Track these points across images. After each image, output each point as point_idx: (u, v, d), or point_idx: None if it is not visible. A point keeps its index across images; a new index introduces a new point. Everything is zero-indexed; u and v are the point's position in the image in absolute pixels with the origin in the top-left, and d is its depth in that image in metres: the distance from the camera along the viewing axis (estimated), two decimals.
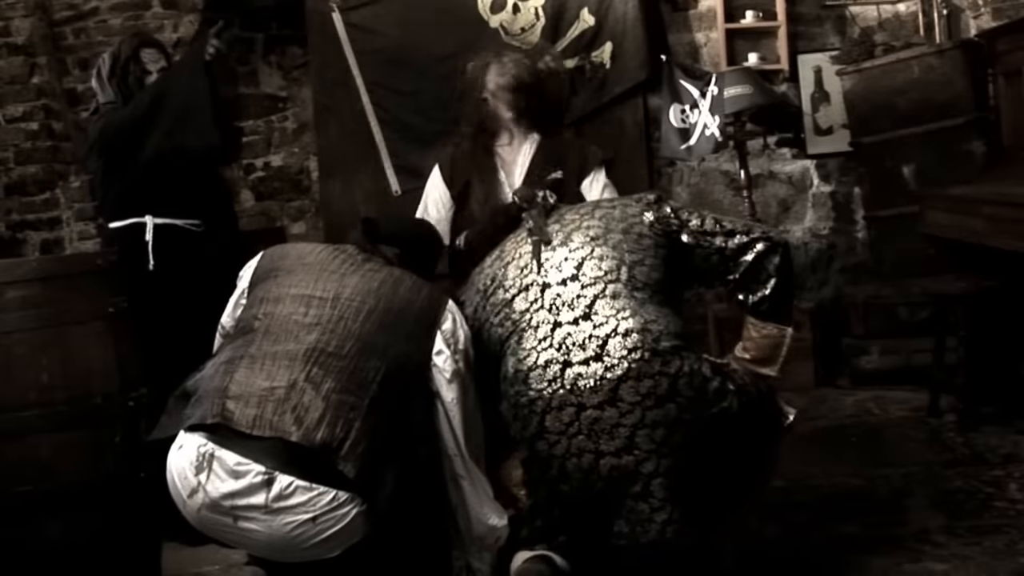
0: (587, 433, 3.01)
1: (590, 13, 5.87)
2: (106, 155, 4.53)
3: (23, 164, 6.28)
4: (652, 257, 3.22)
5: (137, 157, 4.50)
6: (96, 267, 4.30)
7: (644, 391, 2.97)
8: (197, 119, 4.54)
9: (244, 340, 3.15)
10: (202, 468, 2.89)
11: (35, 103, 6.24)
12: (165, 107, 4.53)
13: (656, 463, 2.98)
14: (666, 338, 3.04)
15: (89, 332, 4.16)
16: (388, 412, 3.02)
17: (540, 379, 3.07)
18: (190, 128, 4.54)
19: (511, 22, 5.94)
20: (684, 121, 5.68)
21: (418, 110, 5.97)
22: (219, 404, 2.93)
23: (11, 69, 6.21)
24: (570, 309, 3.13)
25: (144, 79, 4.64)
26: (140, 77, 4.63)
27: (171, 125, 4.52)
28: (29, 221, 6.31)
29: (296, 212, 6.80)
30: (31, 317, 4.10)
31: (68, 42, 6.31)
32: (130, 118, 4.53)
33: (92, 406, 4.11)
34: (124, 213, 4.53)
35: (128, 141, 4.48)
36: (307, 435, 2.86)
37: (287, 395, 2.93)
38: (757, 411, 3.21)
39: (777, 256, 3.25)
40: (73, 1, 6.25)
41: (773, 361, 3.32)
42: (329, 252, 3.38)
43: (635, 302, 3.10)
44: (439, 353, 3.18)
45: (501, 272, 3.36)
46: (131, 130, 4.50)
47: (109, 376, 4.13)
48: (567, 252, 3.24)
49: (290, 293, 3.22)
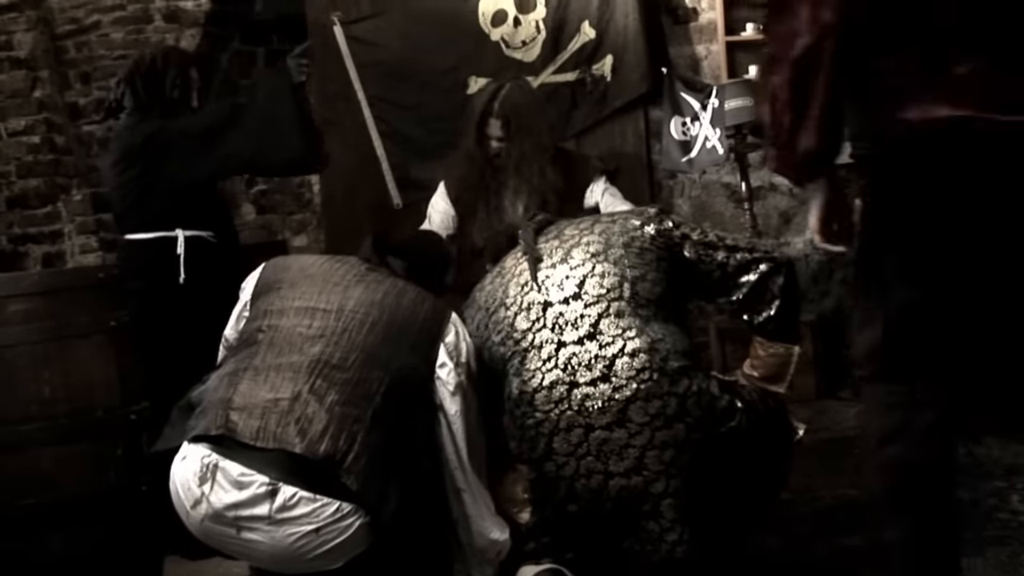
0: (596, 454, 3.00)
1: (591, 26, 5.89)
2: (143, 165, 4.48)
3: (25, 177, 6.28)
4: (655, 271, 3.21)
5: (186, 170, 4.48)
6: (98, 281, 4.30)
7: (653, 411, 2.97)
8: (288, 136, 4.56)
9: (248, 352, 3.15)
10: (206, 479, 2.89)
11: (37, 117, 6.24)
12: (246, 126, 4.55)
13: (665, 483, 2.98)
14: (674, 357, 3.03)
15: (91, 345, 4.16)
16: (391, 424, 3.02)
17: (546, 400, 3.06)
18: (282, 144, 4.57)
19: (512, 35, 5.96)
20: (685, 134, 5.70)
21: (419, 123, 6.00)
22: (223, 415, 2.93)
23: (13, 83, 6.22)
24: (574, 328, 3.12)
25: (189, 96, 4.63)
26: (186, 94, 4.62)
27: (255, 143, 4.54)
28: (31, 234, 6.31)
29: (298, 225, 6.81)
30: (33, 330, 4.10)
31: (70, 56, 6.32)
32: (197, 132, 4.51)
33: (94, 419, 4.11)
34: (152, 226, 4.49)
35: (180, 154, 4.45)
36: (311, 447, 2.86)
37: (291, 407, 2.93)
38: (766, 428, 3.20)
39: (781, 276, 3.23)
40: (75, 15, 6.26)
41: (781, 379, 3.31)
42: (332, 263, 3.38)
43: (640, 320, 3.09)
44: (442, 366, 3.18)
45: (502, 290, 3.35)
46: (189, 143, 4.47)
47: (111, 389, 4.13)
48: (568, 270, 3.23)
49: (294, 305, 3.22)
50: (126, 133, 4.56)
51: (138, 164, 4.47)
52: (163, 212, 4.45)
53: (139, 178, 4.47)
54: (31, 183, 6.28)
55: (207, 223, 4.54)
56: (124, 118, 4.61)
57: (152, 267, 4.42)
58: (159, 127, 4.47)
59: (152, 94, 4.54)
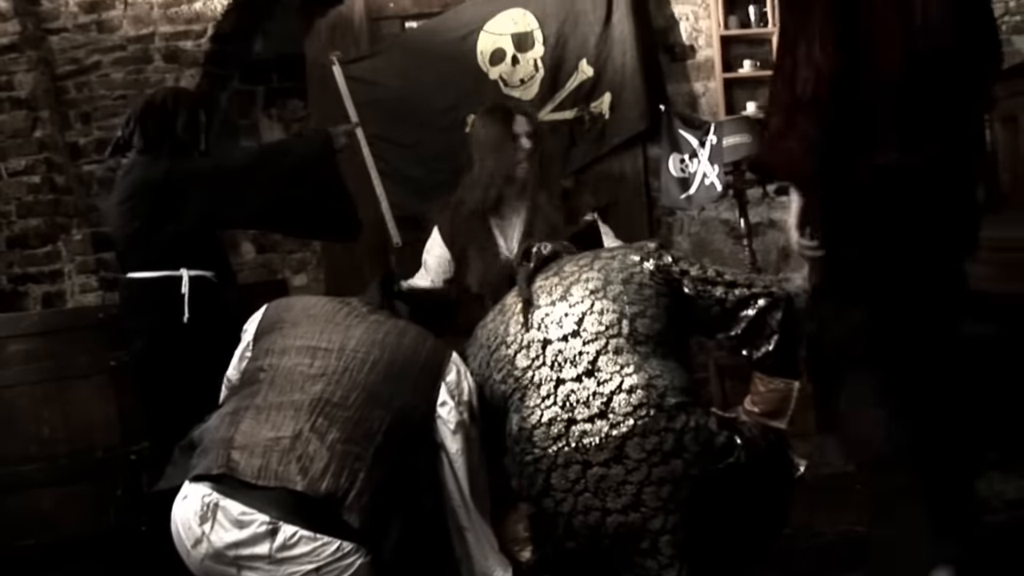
0: (593, 491, 2.99)
1: (589, 64, 5.92)
2: (156, 203, 4.48)
3: (25, 217, 6.28)
4: (654, 307, 3.20)
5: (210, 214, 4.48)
6: (98, 321, 4.32)
7: (650, 448, 2.96)
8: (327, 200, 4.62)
9: (249, 391, 3.16)
10: (206, 518, 2.89)
11: (37, 156, 6.24)
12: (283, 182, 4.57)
13: (663, 520, 2.97)
14: (672, 393, 3.02)
15: (91, 386, 4.18)
16: (393, 462, 3.03)
17: (544, 437, 3.05)
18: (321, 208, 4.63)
19: (510, 74, 5.99)
20: (683, 170, 5.71)
21: (419, 162, 6.02)
22: (224, 454, 2.93)
23: (14, 123, 6.23)
24: (572, 366, 3.11)
25: (198, 138, 4.65)
26: (195, 136, 4.64)
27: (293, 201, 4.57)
28: (31, 274, 6.31)
29: (298, 264, 6.81)
30: (33, 371, 4.12)
31: (70, 96, 6.33)
32: (228, 177, 4.53)
33: (94, 459, 4.13)
34: (156, 265, 4.48)
35: (206, 197, 4.45)
36: (312, 485, 2.86)
37: (292, 445, 2.93)
38: (767, 464, 3.19)
39: (780, 311, 3.22)
40: (75, 55, 6.28)
41: (782, 414, 3.30)
42: (334, 304, 3.40)
43: (638, 357, 3.09)
44: (443, 404, 3.19)
45: (503, 328, 3.35)
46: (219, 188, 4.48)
47: (111, 429, 4.15)
48: (567, 307, 3.22)
49: (295, 344, 3.23)
50: (135, 171, 4.55)
51: (149, 202, 4.46)
52: (168, 251, 4.44)
53: (148, 217, 4.46)
54: (31, 223, 6.28)
55: (209, 263, 4.54)
56: (132, 156, 4.61)
57: (156, 306, 4.41)
58: (177, 166, 4.46)
59: (162, 134, 4.54)
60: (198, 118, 4.65)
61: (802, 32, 3.21)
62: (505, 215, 4.52)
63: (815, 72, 3.16)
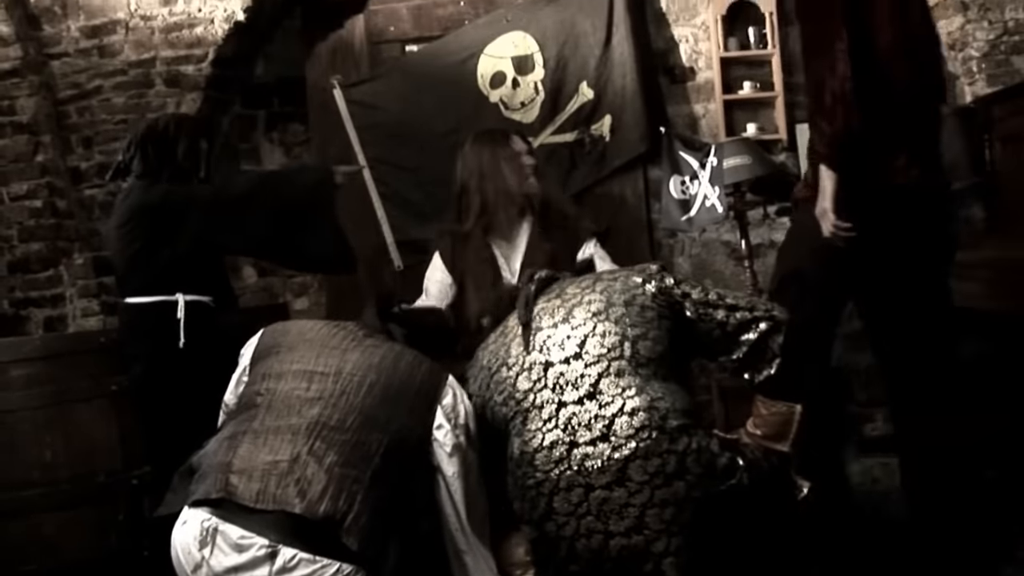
0: (596, 514, 2.98)
1: (589, 86, 5.93)
2: (153, 228, 4.49)
3: (27, 241, 6.29)
4: (655, 330, 3.20)
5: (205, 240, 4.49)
6: (100, 345, 4.32)
7: (652, 470, 2.95)
8: (325, 234, 4.63)
9: (247, 416, 3.16)
10: (206, 543, 2.89)
11: (39, 181, 6.26)
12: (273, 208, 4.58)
13: (667, 542, 2.95)
14: (674, 416, 3.02)
15: (93, 410, 4.18)
16: (391, 485, 3.03)
17: (546, 460, 3.05)
18: (318, 240, 4.63)
19: (511, 97, 6.01)
20: (684, 192, 5.71)
21: (419, 185, 6.02)
22: (223, 479, 2.93)
23: (16, 147, 6.25)
24: (574, 388, 3.11)
25: (199, 165, 4.67)
26: (195, 162, 4.65)
27: (289, 232, 4.58)
28: (33, 298, 6.31)
29: (299, 288, 6.81)
30: (35, 395, 4.12)
31: (72, 120, 6.36)
32: (226, 204, 4.55)
33: (95, 484, 4.12)
34: (153, 289, 4.48)
35: (192, 221, 4.46)
36: (310, 508, 2.86)
37: (290, 468, 2.93)
38: (769, 486, 3.18)
39: (781, 335, 3.23)
40: (77, 80, 6.31)
41: (784, 437, 3.29)
42: (330, 328, 3.40)
43: (640, 379, 3.09)
44: (439, 427, 3.19)
45: (504, 350, 3.34)
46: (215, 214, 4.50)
47: (112, 453, 4.15)
48: (569, 329, 3.22)
49: (292, 369, 3.23)
50: (134, 195, 4.56)
51: (147, 227, 4.47)
52: (165, 276, 4.45)
53: (145, 241, 4.47)
54: (33, 247, 6.30)
55: (207, 287, 4.55)
56: (131, 181, 4.63)
57: (153, 331, 4.41)
58: (175, 191, 4.48)
59: (162, 160, 4.56)
60: (199, 145, 4.67)
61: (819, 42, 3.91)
62: (507, 239, 4.52)
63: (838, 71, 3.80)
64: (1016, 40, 5.64)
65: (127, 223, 4.51)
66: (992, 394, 4.88)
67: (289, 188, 4.70)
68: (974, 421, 4.25)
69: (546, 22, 6.01)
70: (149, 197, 4.48)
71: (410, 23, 6.33)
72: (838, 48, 3.80)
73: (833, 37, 3.82)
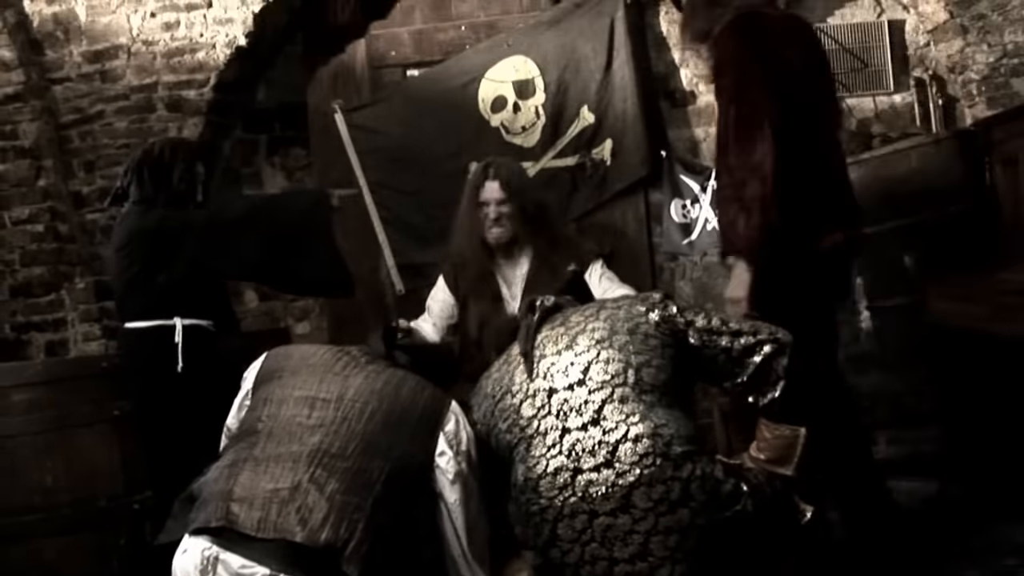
0: (600, 540, 2.98)
1: (590, 111, 5.94)
2: (149, 252, 4.50)
3: (28, 266, 6.29)
4: (659, 358, 3.20)
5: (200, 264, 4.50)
6: (101, 370, 4.31)
7: (657, 497, 2.95)
8: (321, 256, 4.63)
9: (248, 442, 3.16)
10: (207, 571, 2.89)
11: (41, 205, 6.26)
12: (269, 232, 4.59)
13: (671, 569, 2.94)
14: (678, 442, 3.02)
15: (94, 435, 4.18)
16: (392, 513, 3.02)
17: (550, 487, 3.05)
18: (314, 263, 4.63)
19: (512, 121, 6.02)
20: (685, 216, 5.74)
21: (420, 209, 6.03)
22: (223, 507, 2.93)
23: (18, 172, 6.25)
24: (578, 415, 3.11)
25: (195, 190, 4.68)
26: (191, 187, 4.66)
27: (279, 250, 4.58)
28: (34, 322, 6.31)
29: (300, 312, 6.80)
30: (36, 420, 4.11)
31: (74, 145, 6.36)
32: (212, 227, 4.55)
33: (97, 509, 4.11)
34: (151, 314, 4.48)
35: (188, 245, 4.47)
36: (311, 536, 2.86)
37: (291, 496, 2.93)
38: (773, 511, 3.18)
39: (785, 357, 3.22)
40: (79, 105, 6.32)
41: (788, 461, 3.28)
42: (333, 353, 3.40)
43: (644, 406, 3.08)
44: (442, 454, 3.19)
45: (508, 377, 3.34)
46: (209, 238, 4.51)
47: (114, 478, 4.14)
48: (573, 356, 3.23)
49: (294, 395, 3.23)
50: (130, 220, 4.57)
51: (143, 251, 4.48)
52: (162, 300, 4.45)
53: (142, 265, 4.47)
54: (35, 271, 6.30)
55: (207, 311, 4.55)
56: (128, 206, 4.63)
57: (151, 356, 4.41)
58: (171, 216, 4.49)
59: (158, 185, 4.57)
60: (195, 169, 4.68)
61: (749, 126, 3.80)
62: (509, 263, 4.54)
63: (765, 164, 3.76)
64: (1015, 63, 5.65)
65: (124, 248, 4.52)
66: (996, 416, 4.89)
67: (284, 212, 4.71)
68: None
69: (547, 46, 6.02)
70: (145, 222, 4.49)
71: (411, 48, 6.34)
72: (765, 146, 3.75)
73: (761, 129, 3.77)
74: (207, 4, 6.17)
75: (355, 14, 6.34)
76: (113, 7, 6.26)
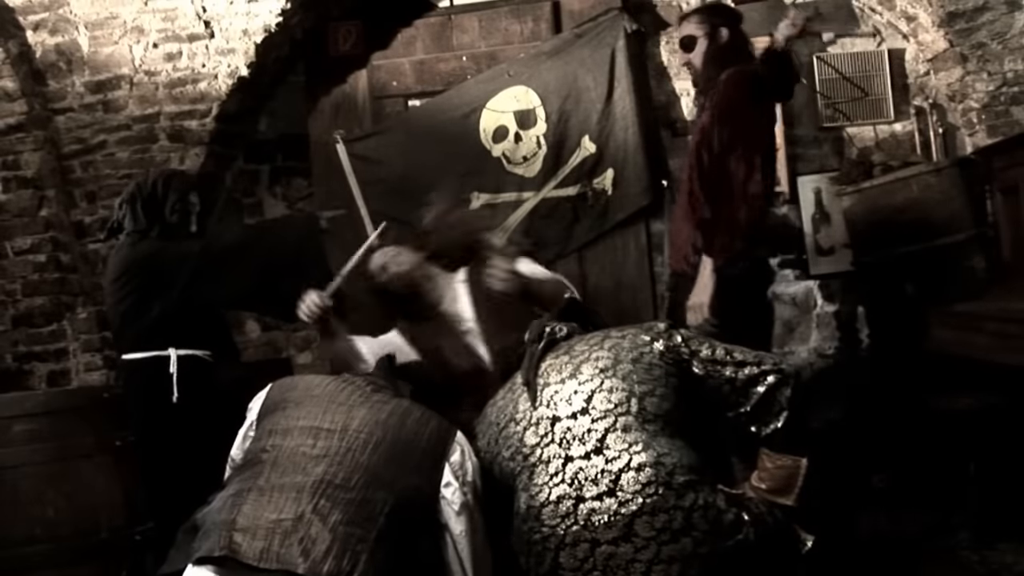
0: (602, 569, 2.96)
1: (591, 141, 5.97)
2: (141, 284, 4.50)
3: (30, 296, 6.30)
4: (663, 387, 3.20)
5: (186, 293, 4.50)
6: (103, 400, 4.31)
7: (659, 526, 2.94)
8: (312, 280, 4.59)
9: (252, 472, 3.15)
10: None
11: (43, 235, 6.28)
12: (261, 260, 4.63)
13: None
14: (680, 472, 3.01)
15: (96, 466, 4.17)
16: (395, 545, 3.00)
17: (553, 515, 3.04)
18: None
19: (513, 151, 6.04)
20: None
21: None
22: (226, 537, 2.92)
23: (20, 202, 6.27)
24: (581, 443, 3.10)
25: (189, 220, 4.69)
26: (185, 218, 4.68)
27: (272, 278, 4.59)
28: (36, 352, 6.32)
29: (302, 342, 6.81)
30: (38, 451, 4.10)
31: (76, 175, 6.38)
32: (204, 258, 4.57)
33: (99, 540, 4.10)
34: (145, 345, 4.49)
35: (181, 276, 4.48)
36: (314, 567, 2.84)
37: (294, 527, 2.91)
38: (774, 541, 3.17)
39: (788, 388, 3.22)
40: (81, 135, 6.34)
41: (789, 491, 3.27)
42: (337, 384, 3.39)
43: (647, 435, 3.08)
44: (447, 485, 3.17)
45: (512, 406, 3.34)
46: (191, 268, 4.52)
47: (116, 509, 4.12)
48: (576, 385, 3.22)
49: (298, 425, 3.22)
50: (124, 252, 4.59)
51: (137, 282, 4.50)
52: (157, 331, 4.47)
53: (137, 297, 4.49)
54: (36, 301, 6.31)
55: (204, 342, 4.56)
56: (123, 238, 4.65)
57: (148, 386, 4.42)
58: (162, 248, 4.51)
59: (151, 217, 4.59)
60: (188, 200, 4.70)
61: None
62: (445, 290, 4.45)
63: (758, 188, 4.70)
64: (1015, 91, 5.68)
65: (117, 280, 4.55)
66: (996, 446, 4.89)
67: (276, 239, 4.74)
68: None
69: (548, 76, 6.05)
70: (137, 253, 4.52)
71: (413, 78, 6.37)
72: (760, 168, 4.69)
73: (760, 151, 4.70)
74: (209, 35, 6.20)
75: (357, 45, 6.38)
76: (115, 38, 6.29)
